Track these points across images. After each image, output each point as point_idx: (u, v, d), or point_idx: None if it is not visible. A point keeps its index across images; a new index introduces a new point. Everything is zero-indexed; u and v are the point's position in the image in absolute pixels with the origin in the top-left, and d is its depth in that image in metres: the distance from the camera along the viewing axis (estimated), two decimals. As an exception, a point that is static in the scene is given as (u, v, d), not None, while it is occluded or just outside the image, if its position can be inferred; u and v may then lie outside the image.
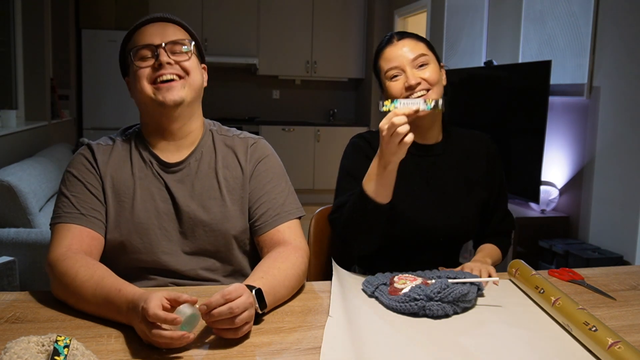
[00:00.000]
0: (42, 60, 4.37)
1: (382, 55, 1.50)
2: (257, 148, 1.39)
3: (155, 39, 1.29)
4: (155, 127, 1.33)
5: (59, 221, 1.24)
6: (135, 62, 1.28)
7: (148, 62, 1.28)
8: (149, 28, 1.31)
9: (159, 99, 1.26)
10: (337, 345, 0.97)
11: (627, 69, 2.87)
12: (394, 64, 1.45)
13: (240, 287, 0.99)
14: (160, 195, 1.30)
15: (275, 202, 1.34)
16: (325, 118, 7.05)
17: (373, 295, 1.22)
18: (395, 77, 1.45)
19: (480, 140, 1.61)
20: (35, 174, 2.92)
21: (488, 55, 4.18)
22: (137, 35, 1.31)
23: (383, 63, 1.48)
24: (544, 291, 1.18)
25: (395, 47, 1.47)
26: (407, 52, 1.45)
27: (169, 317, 0.92)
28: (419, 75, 1.44)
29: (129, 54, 1.30)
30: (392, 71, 1.45)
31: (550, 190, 3.36)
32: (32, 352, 0.82)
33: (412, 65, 1.45)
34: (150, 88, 1.27)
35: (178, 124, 1.32)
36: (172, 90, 1.26)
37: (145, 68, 1.27)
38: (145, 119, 1.35)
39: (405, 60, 1.45)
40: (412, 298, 1.12)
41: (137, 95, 1.30)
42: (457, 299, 1.13)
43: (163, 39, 1.29)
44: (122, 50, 1.36)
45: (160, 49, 1.27)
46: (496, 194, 1.60)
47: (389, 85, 1.46)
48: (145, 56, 1.28)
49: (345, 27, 6.69)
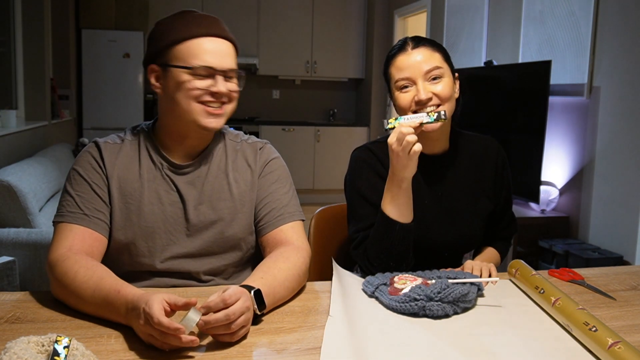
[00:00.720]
0: (42, 60, 4.37)
1: (393, 63, 1.41)
2: (265, 151, 1.40)
3: (215, 60, 1.23)
4: (177, 135, 1.31)
5: (61, 220, 1.23)
6: (186, 74, 1.22)
7: (202, 81, 1.23)
8: (208, 43, 1.24)
9: (202, 123, 1.25)
10: (337, 346, 0.97)
11: (627, 69, 2.87)
12: (405, 74, 1.37)
13: (238, 291, 0.99)
14: (168, 197, 1.29)
15: (279, 202, 1.35)
16: (325, 118, 7.05)
17: (373, 296, 1.21)
18: (406, 89, 1.38)
19: (489, 147, 1.55)
20: (35, 174, 2.92)
21: (488, 55, 4.18)
22: (193, 44, 1.23)
23: (394, 71, 1.40)
24: (544, 291, 1.18)
25: (409, 57, 1.38)
26: (421, 63, 1.36)
27: (173, 326, 0.91)
28: (430, 90, 1.36)
29: (173, 56, 1.24)
30: (403, 82, 1.38)
31: (550, 190, 3.36)
32: (32, 352, 0.82)
33: (425, 78, 1.36)
34: (197, 109, 1.24)
35: (202, 138, 1.33)
36: (217, 119, 1.26)
37: (198, 90, 1.23)
38: (169, 126, 1.31)
39: (417, 72, 1.36)
40: (412, 298, 1.12)
41: (176, 108, 1.25)
42: (457, 299, 1.13)
43: (223, 64, 1.24)
44: (159, 39, 1.27)
45: (218, 76, 1.24)
46: (503, 201, 1.56)
47: (398, 96, 1.39)
48: (200, 74, 1.23)
49: (345, 27, 6.69)
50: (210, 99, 1.24)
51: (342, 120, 7.05)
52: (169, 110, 1.28)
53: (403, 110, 1.39)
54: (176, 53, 1.24)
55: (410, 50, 1.39)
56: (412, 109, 1.37)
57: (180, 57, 1.23)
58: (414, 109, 1.37)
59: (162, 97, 1.29)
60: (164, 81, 1.26)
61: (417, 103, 1.36)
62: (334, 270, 1.34)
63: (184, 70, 1.22)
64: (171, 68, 1.24)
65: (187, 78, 1.22)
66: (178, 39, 1.24)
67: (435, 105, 1.36)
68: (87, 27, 5.65)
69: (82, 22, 5.66)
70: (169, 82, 1.25)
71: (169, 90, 1.25)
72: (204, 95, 1.24)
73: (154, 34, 1.29)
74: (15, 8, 4.21)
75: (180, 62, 1.23)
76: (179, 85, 1.23)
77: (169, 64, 1.24)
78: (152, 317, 0.92)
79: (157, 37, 1.27)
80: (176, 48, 1.24)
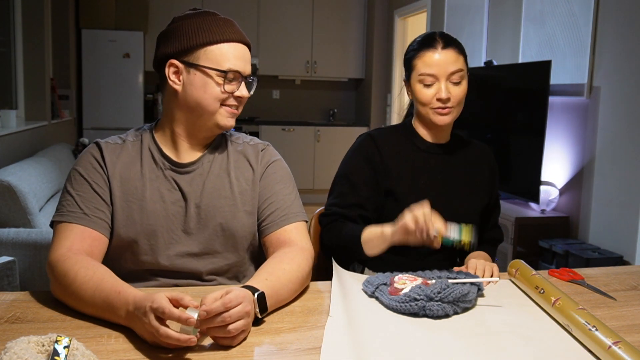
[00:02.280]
0: (42, 60, 4.37)
1: (421, 56, 1.49)
2: (267, 153, 1.41)
3: (242, 65, 1.29)
4: (185, 131, 1.32)
5: (61, 219, 1.23)
6: (217, 76, 1.26)
7: (230, 85, 1.27)
8: (237, 49, 1.29)
9: (222, 123, 1.30)
10: (337, 346, 0.97)
11: (627, 69, 2.87)
12: (432, 70, 1.47)
13: (240, 295, 0.99)
14: (170, 196, 1.30)
15: (283, 203, 1.35)
16: (325, 118, 7.05)
17: (373, 296, 1.22)
18: (429, 85, 1.48)
19: (484, 151, 1.66)
20: (35, 174, 2.92)
21: (488, 55, 4.18)
22: (225, 48, 1.27)
23: (420, 64, 1.49)
24: (544, 291, 1.18)
25: (439, 55, 1.47)
26: (448, 63, 1.47)
27: (184, 315, 0.92)
28: (450, 90, 1.47)
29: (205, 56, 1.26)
30: (428, 78, 1.48)
31: (550, 190, 3.36)
32: (32, 352, 0.82)
33: (448, 79, 1.47)
34: (220, 110, 1.29)
35: (210, 137, 1.35)
36: (234, 119, 1.32)
37: (226, 93, 1.28)
38: (179, 121, 1.32)
39: (443, 72, 1.46)
40: (413, 298, 1.12)
41: (196, 106, 1.28)
42: (457, 299, 1.13)
43: (247, 69, 1.30)
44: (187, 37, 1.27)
45: (243, 81, 1.29)
46: (493, 203, 1.67)
47: (420, 89, 1.49)
48: (229, 78, 1.27)
49: (345, 27, 6.69)
50: (234, 102, 1.30)
51: (342, 120, 7.05)
52: (186, 107, 1.29)
53: (423, 103, 1.50)
54: (208, 54, 1.26)
55: (440, 49, 1.48)
56: (431, 105, 1.49)
57: (212, 59, 1.26)
58: (433, 106, 1.48)
59: (179, 93, 1.29)
60: (186, 78, 1.27)
61: (437, 100, 1.48)
62: (334, 270, 1.34)
63: (216, 72, 1.25)
64: (200, 67, 1.26)
65: (218, 80, 1.26)
66: (211, 41, 1.26)
67: (450, 107, 1.48)
68: (87, 27, 5.65)
69: (82, 22, 5.66)
70: (194, 80, 1.26)
71: (192, 88, 1.27)
72: (229, 98, 1.28)
73: (179, 31, 1.28)
74: (15, 8, 4.21)
75: (211, 64, 1.26)
76: (207, 86, 1.26)
77: (197, 63, 1.26)
78: (162, 307, 0.92)
79: (184, 34, 1.27)
80: (208, 49, 1.26)
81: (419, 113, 1.55)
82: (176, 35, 1.28)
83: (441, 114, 1.49)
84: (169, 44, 1.29)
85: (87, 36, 5.64)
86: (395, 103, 6.09)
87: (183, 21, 1.29)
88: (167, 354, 0.94)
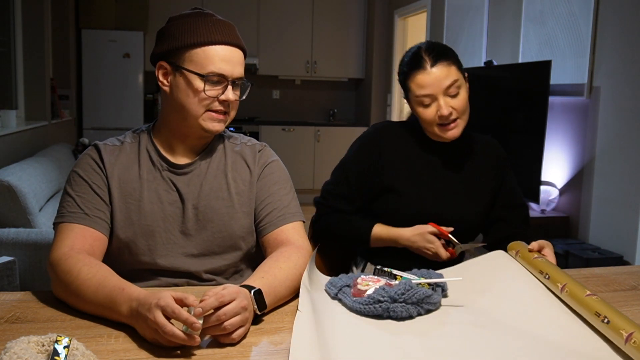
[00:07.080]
0: (42, 60, 4.37)
1: (413, 79, 1.49)
2: (264, 153, 1.41)
3: (228, 68, 1.25)
4: (179, 133, 1.32)
5: (62, 220, 1.24)
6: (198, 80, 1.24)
7: (213, 89, 1.25)
8: (224, 51, 1.25)
9: (206, 127, 1.27)
10: (305, 343, 0.94)
11: (627, 69, 2.87)
12: (426, 91, 1.47)
13: (233, 291, 0.99)
14: (168, 197, 1.30)
15: (280, 203, 1.35)
16: (325, 118, 7.05)
17: (336, 297, 1.18)
18: (427, 105, 1.48)
19: (488, 143, 1.66)
20: (35, 174, 2.93)
21: (488, 55, 4.18)
22: (209, 51, 1.24)
23: (414, 87, 1.49)
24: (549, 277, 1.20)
25: (429, 75, 1.46)
26: (441, 80, 1.46)
27: (190, 319, 0.92)
28: (450, 104, 1.47)
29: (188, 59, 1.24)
30: (425, 99, 1.48)
31: (550, 190, 3.36)
32: (32, 352, 0.82)
33: (445, 93, 1.47)
34: (204, 115, 1.26)
35: (203, 138, 1.34)
36: (221, 123, 1.29)
37: (209, 98, 1.25)
38: (171, 123, 1.31)
39: (438, 89, 1.46)
40: (376, 300, 1.10)
41: (182, 109, 1.26)
42: (421, 300, 1.11)
43: (234, 72, 1.26)
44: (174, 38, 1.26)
45: (229, 85, 1.26)
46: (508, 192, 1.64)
47: (421, 111, 1.50)
48: (212, 81, 1.25)
49: (345, 27, 6.69)
50: (219, 107, 1.27)
51: (342, 120, 7.05)
52: (174, 109, 1.29)
53: (427, 122, 1.51)
54: (192, 56, 1.24)
55: (429, 68, 1.47)
56: (436, 122, 1.49)
57: (196, 62, 1.24)
58: (437, 122, 1.49)
59: (168, 94, 1.29)
60: (173, 80, 1.27)
61: (440, 117, 1.48)
62: (309, 263, 1.31)
63: (197, 76, 1.24)
64: (183, 70, 1.25)
65: (199, 84, 1.24)
66: (195, 43, 1.24)
67: (453, 120, 1.48)
68: (87, 27, 5.65)
69: (82, 22, 5.66)
70: (179, 82, 1.26)
71: (177, 91, 1.26)
72: (213, 102, 1.26)
73: (168, 31, 1.28)
74: (15, 8, 4.21)
75: (194, 67, 1.24)
76: (190, 89, 1.25)
77: (182, 66, 1.25)
78: (173, 309, 0.92)
79: (172, 35, 1.27)
80: (192, 51, 1.24)
81: (426, 130, 1.56)
82: (166, 36, 1.28)
83: (448, 129, 1.50)
84: (160, 44, 1.29)
85: (87, 36, 5.64)
86: (395, 103, 6.09)
87: (175, 21, 1.29)
88: (167, 354, 0.94)
